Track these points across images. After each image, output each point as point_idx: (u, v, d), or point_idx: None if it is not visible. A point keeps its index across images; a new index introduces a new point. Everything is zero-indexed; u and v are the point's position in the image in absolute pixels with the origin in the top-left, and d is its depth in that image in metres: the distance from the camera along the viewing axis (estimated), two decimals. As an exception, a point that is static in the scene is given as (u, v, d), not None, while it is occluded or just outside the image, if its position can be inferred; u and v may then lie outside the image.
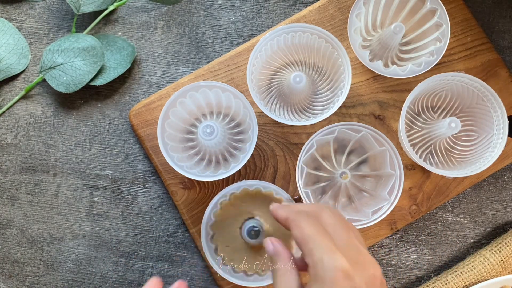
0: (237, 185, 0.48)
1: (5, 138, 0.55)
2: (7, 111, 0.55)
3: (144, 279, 0.54)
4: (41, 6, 0.57)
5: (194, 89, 0.48)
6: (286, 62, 0.53)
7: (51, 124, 0.55)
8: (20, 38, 0.56)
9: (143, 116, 0.53)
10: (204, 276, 0.54)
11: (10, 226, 0.54)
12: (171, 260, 0.54)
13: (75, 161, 0.55)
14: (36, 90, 0.56)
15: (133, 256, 0.54)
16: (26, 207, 0.54)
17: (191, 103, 0.49)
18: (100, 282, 0.54)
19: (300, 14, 0.54)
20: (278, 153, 0.53)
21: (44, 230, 0.54)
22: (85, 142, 0.55)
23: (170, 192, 0.53)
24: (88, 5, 0.54)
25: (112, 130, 0.55)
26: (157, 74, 0.56)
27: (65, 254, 0.54)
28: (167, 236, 0.54)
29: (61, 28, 0.57)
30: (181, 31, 0.56)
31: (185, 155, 0.50)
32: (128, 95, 0.56)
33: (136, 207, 0.54)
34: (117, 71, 0.54)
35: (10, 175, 0.55)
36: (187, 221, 0.53)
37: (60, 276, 0.54)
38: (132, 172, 0.55)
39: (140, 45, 0.56)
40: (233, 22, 0.56)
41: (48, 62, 0.53)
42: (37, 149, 0.55)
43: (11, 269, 0.54)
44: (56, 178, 0.55)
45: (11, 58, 0.55)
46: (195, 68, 0.56)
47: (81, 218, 0.54)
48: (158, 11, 0.57)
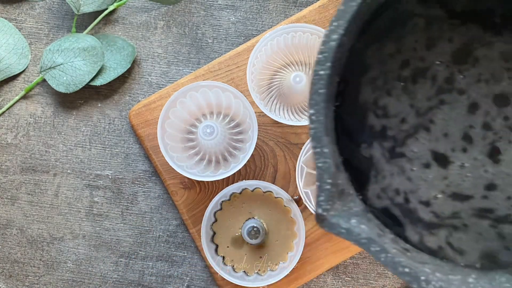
0: (237, 185, 0.48)
1: (5, 138, 0.55)
2: (7, 111, 0.55)
3: (144, 279, 0.54)
4: (41, 6, 0.57)
5: (194, 89, 0.48)
6: (286, 62, 0.53)
7: (51, 124, 0.55)
8: (20, 38, 0.56)
9: (143, 116, 0.53)
10: (204, 276, 0.54)
11: (10, 226, 0.54)
12: (171, 260, 0.54)
13: (75, 161, 0.55)
14: (36, 90, 0.56)
15: (133, 256, 0.54)
16: (26, 207, 0.54)
17: (191, 103, 0.49)
18: (100, 282, 0.54)
19: (300, 14, 0.54)
20: (278, 153, 0.53)
21: (44, 230, 0.54)
22: (85, 142, 0.55)
23: (170, 192, 0.53)
24: (88, 5, 0.54)
25: (112, 130, 0.55)
26: (157, 74, 0.56)
27: (65, 254, 0.54)
28: (167, 236, 0.54)
29: (61, 28, 0.57)
30: (181, 31, 0.56)
31: (185, 155, 0.50)
32: (128, 95, 0.56)
33: (136, 207, 0.54)
34: (117, 71, 0.54)
35: (10, 175, 0.55)
36: (187, 221, 0.53)
37: (60, 276, 0.54)
38: (132, 172, 0.55)
39: (140, 45, 0.56)
40: (233, 22, 0.56)
41: (48, 62, 0.53)
42: (37, 149, 0.55)
43: (11, 269, 0.54)
44: (56, 178, 0.55)
45: (11, 58, 0.55)
46: (195, 68, 0.56)
47: (81, 218, 0.54)
48: (158, 11, 0.57)
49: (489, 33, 0.36)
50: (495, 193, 0.35)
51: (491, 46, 0.36)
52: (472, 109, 0.36)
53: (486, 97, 0.36)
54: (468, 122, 0.36)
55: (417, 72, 0.36)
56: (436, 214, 0.35)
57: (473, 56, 0.36)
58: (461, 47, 0.36)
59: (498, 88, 0.36)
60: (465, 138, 0.36)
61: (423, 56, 0.36)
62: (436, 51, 0.36)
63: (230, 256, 0.49)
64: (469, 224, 0.34)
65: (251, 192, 0.49)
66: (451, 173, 0.36)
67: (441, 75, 0.36)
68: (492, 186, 0.35)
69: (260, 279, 0.47)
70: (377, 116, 0.36)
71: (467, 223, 0.34)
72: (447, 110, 0.36)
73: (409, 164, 0.36)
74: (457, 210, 0.35)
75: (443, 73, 0.36)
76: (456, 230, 0.34)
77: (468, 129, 0.36)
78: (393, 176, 0.35)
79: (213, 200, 0.48)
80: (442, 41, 0.36)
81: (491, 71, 0.36)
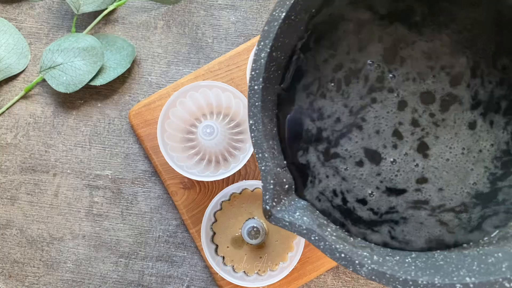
0: (237, 185, 0.48)
1: (5, 138, 0.55)
2: (7, 111, 0.55)
3: (144, 279, 0.54)
4: (41, 6, 0.57)
5: (194, 89, 0.48)
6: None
7: (50, 124, 0.55)
8: (20, 38, 0.56)
9: (143, 116, 0.53)
10: (204, 276, 0.54)
11: (10, 226, 0.54)
12: (171, 260, 0.54)
13: (75, 161, 0.55)
14: (35, 90, 0.56)
15: (133, 256, 0.54)
16: (26, 207, 0.54)
17: (191, 103, 0.49)
18: (100, 282, 0.54)
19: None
20: (278, 153, 0.53)
21: (43, 230, 0.54)
22: (85, 142, 0.55)
23: (170, 192, 0.53)
24: (88, 5, 0.54)
25: (112, 130, 0.55)
26: (157, 74, 0.56)
27: (64, 254, 0.54)
28: (167, 236, 0.54)
29: (61, 28, 0.57)
30: (181, 31, 0.56)
31: (185, 155, 0.50)
32: (128, 95, 0.56)
33: (136, 207, 0.54)
34: (117, 71, 0.54)
35: (10, 175, 0.55)
36: (187, 221, 0.53)
37: (60, 276, 0.54)
38: (132, 172, 0.55)
39: (140, 45, 0.56)
40: (233, 22, 0.56)
41: (48, 62, 0.53)
42: (36, 149, 0.55)
43: (11, 269, 0.54)
44: (56, 178, 0.55)
45: (11, 58, 0.55)
46: (195, 68, 0.56)
47: (80, 218, 0.54)
48: (158, 11, 0.57)
49: (413, 32, 0.38)
50: (427, 186, 0.37)
51: (415, 46, 0.38)
52: (401, 107, 0.38)
53: (414, 94, 0.38)
54: (398, 119, 0.38)
55: (350, 73, 0.38)
56: (374, 211, 0.37)
57: (400, 56, 0.38)
58: (389, 47, 0.38)
59: (424, 86, 0.38)
60: (395, 135, 0.38)
61: (355, 58, 0.38)
62: (367, 51, 0.38)
63: (230, 256, 0.49)
64: (407, 217, 0.36)
65: (251, 192, 0.49)
66: (384, 169, 0.38)
67: (372, 75, 0.38)
68: (423, 180, 0.38)
69: (260, 279, 0.47)
70: (313, 119, 0.38)
71: (405, 215, 0.36)
72: (378, 108, 0.38)
73: (343, 164, 0.38)
74: (393, 205, 0.37)
75: (374, 73, 0.38)
76: (396, 224, 0.36)
77: (398, 126, 0.38)
78: (329, 178, 0.37)
79: (213, 200, 0.48)
80: (373, 42, 0.38)
81: (417, 70, 0.38)
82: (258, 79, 0.30)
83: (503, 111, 0.38)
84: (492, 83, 0.38)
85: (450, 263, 0.32)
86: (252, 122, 0.30)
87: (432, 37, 0.38)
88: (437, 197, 0.37)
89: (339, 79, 0.38)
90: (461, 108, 0.38)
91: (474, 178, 0.38)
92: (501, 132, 0.38)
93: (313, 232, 0.29)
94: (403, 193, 0.37)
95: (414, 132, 0.38)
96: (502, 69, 0.38)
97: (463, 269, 0.30)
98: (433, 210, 0.37)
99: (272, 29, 0.30)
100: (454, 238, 0.36)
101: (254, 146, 0.30)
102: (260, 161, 0.30)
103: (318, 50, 0.37)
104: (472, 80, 0.38)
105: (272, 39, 0.30)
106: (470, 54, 0.38)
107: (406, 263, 0.31)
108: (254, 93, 0.30)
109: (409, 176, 0.38)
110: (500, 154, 0.38)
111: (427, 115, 0.38)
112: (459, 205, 0.37)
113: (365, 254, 0.30)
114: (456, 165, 0.38)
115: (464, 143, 0.38)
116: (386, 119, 0.38)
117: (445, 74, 0.38)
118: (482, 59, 0.38)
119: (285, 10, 0.30)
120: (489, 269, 0.29)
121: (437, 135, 0.38)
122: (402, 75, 0.38)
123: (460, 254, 0.33)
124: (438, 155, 0.38)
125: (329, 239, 0.29)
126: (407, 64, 0.38)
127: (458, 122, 0.38)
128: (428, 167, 0.38)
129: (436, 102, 0.38)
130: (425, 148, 0.38)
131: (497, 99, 0.38)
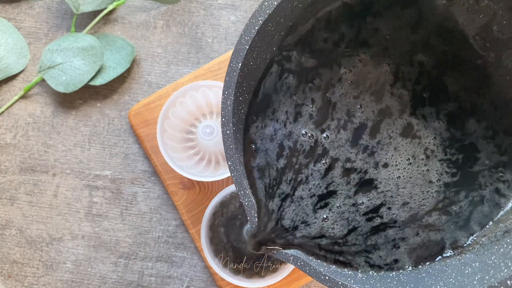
0: (237, 185, 0.48)
1: (4, 138, 0.55)
2: (6, 111, 0.55)
3: (143, 280, 0.54)
4: (40, 5, 0.57)
5: (193, 89, 0.48)
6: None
7: (50, 124, 0.55)
8: (19, 37, 0.56)
9: (142, 116, 0.53)
10: (204, 276, 0.54)
11: (9, 226, 0.54)
12: (171, 261, 0.54)
13: (74, 161, 0.55)
14: (35, 90, 0.56)
15: (132, 257, 0.54)
16: (25, 208, 0.54)
17: (191, 103, 0.49)
18: (99, 283, 0.54)
19: (300, 13, 0.54)
20: (278, 153, 0.53)
21: (43, 231, 0.54)
22: (84, 142, 0.55)
23: (170, 192, 0.53)
24: (87, 4, 0.54)
25: (111, 130, 0.55)
26: (156, 74, 0.56)
27: (64, 255, 0.54)
28: (166, 237, 0.54)
29: (60, 28, 0.56)
30: (181, 30, 0.56)
31: (185, 155, 0.50)
32: (128, 95, 0.55)
33: (135, 207, 0.54)
34: (116, 71, 0.54)
35: (9, 175, 0.55)
36: (187, 222, 0.52)
37: (59, 277, 0.54)
38: (131, 172, 0.54)
39: (140, 44, 0.56)
40: (233, 22, 0.56)
41: (47, 62, 0.53)
42: (36, 149, 0.55)
43: (10, 270, 0.54)
44: (55, 178, 0.55)
45: (10, 57, 0.55)
46: (194, 67, 0.56)
47: (80, 218, 0.54)
48: (157, 10, 0.56)
49: (336, 69, 0.39)
50: (383, 209, 0.38)
51: (342, 81, 0.39)
52: (330, 168, 0.39)
53: (343, 146, 0.39)
54: (328, 180, 0.39)
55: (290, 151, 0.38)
56: (339, 244, 0.38)
57: (332, 102, 0.39)
58: (320, 103, 0.39)
59: (356, 121, 0.39)
60: (325, 197, 0.38)
61: (291, 130, 0.39)
62: (302, 121, 0.39)
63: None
64: (373, 243, 0.38)
65: (251, 192, 0.49)
66: (323, 226, 0.39)
67: (306, 146, 0.39)
68: (377, 207, 0.38)
69: (260, 280, 0.47)
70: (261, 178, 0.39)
71: (370, 243, 0.38)
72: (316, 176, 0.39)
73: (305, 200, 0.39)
74: (353, 242, 0.38)
75: (307, 144, 0.39)
76: (369, 252, 0.37)
77: (324, 191, 0.39)
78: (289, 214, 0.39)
79: (213, 200, 0.48)
80: (306, 106, 0.39)
81: (346, 108, 0.39)
82: (228, 124, 0.32)
83: (428, 101, 0.39)
84: (412, 80, 0.39)
85: (431, 275, 0.34)
86: (230, 163, 0.32)
87: (352, 64, 0.39)
88: (404, 211, 0.38)
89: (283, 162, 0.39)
90: (392, 119, 0.39)
91: (435, 176, 0.38)
92: (437, 123, 0.39)
93: (298, 259, 0.32)
94: (354, 231, 0.38)
95: (349, 180, 0.38)
96: (418, 65, 0.39)
97: (441, 281, 0.32)
98: (405, 224, 0.38)
99: (232, 79, 0.33)
100: (441, 235, 0.37)
101: (235, 184, 0.32)
102: (242, 198, 0.32)
103: (263, 120, 0.38)
104: (394, 86, 0.39)
105: (234, 88, 0.33)
106: (390, 60, 0.39)
107: (389, 278, 0.34)
108: (228, 137, 0.32)
109: (352, 217, 0.38)
110: (448, 143, 0.39)
111: (361, 154, 0.39)
112: (439, 202, 0.38)
113: (349, 273, 0.33)
114: (409, 177, 0.38)
115: (407, 152, 0.39)
116: (316, 187, 0.38)
117: (369, 95, 0.39)
118: (400, 61, 0.39)
119: (240, 60, 0.32)
120: (463, 282, 0.31)
121: (376, 162, 0.38)
122: (334, 129, 0.39)
123: (443, 265, 0.35)
124: (388, 179, 0.38)
125: (313, 264, 0.32)
126: (338, 109, 0.39)
127: (393, 134, 0.39)
128: (378, 195, 0.38)
129: (367, 131, 0.39)
130: (370, 183, 0.38)
131: (420, 92, 0.39)
